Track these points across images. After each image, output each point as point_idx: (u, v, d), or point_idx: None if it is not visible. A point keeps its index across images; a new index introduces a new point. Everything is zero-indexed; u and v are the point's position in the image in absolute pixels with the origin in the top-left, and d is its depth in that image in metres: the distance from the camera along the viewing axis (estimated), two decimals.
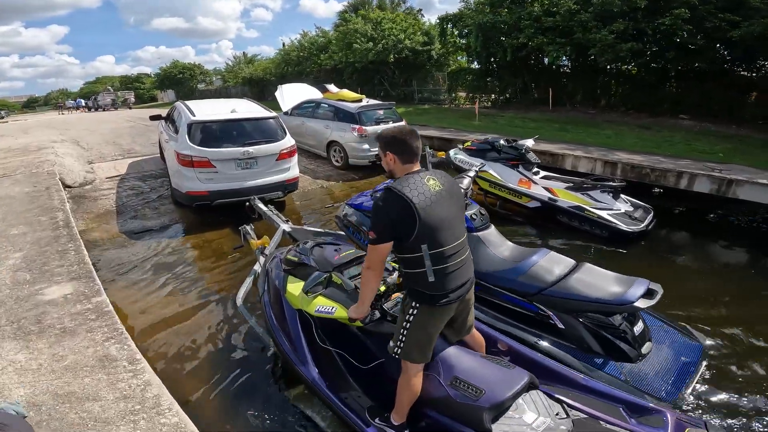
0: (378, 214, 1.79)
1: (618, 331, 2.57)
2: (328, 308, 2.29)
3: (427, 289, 1.82)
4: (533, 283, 2.77)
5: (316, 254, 2.78)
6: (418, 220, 1.71)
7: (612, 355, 2.58)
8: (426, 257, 1.78)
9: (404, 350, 1.91)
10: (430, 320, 1.90)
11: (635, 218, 4.98)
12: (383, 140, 1.90)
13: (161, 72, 41.54)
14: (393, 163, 1.88)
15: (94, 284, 3.00)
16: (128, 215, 5.80)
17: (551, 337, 2.75)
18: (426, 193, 1.77)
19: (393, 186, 1.76)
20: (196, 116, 5.42)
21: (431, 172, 1.91)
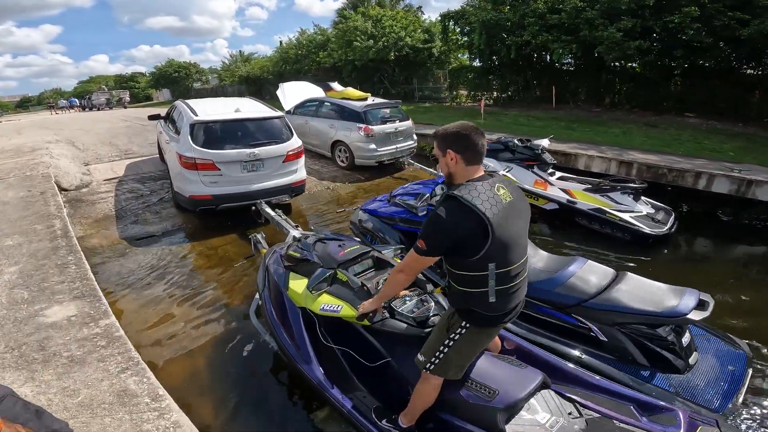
0: (438, 226, 1.56)
1: (666, 342, 2.43)
2: (333, 306, 2.20)
3: (485, 310, 1.67)
4: (572, 294, 2.62)
5: (319, 250, 2.65)
6: (491, 236, 1.52)
7: (658, 367, 2.45)
8: (491, 276, 1.60)
9: (439, 367, 1.80)
10: (478, 341, 1.80)
11: (658, 220, 4.82)
12: (443, 136, 1.67)
13: (156, 71, 41.12)
14: (455, 164, 1.64)
15: (100, 304, 2.76)
16: (128, 220, 5.55)
17: (592, 350, 2.61)
18: (498, 206, 1.57)
19: (459, 195, 1.53)
20: (198, 116, 5.18)
21: (498, 178, 1.69)
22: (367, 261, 2.59)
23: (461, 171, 1.64)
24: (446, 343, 1.77)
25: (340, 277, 2.36)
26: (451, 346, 1.76)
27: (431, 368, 1.81)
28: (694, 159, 6.64)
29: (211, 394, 2.75)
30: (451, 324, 1.77)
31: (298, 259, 2.60)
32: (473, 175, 1.64)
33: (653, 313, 2.36)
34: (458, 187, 1.59)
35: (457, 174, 1.65)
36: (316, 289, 2.28)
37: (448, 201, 1.55)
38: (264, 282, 2.84)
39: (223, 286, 4.05)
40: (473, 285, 1.63)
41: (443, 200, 1.58)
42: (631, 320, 2.45)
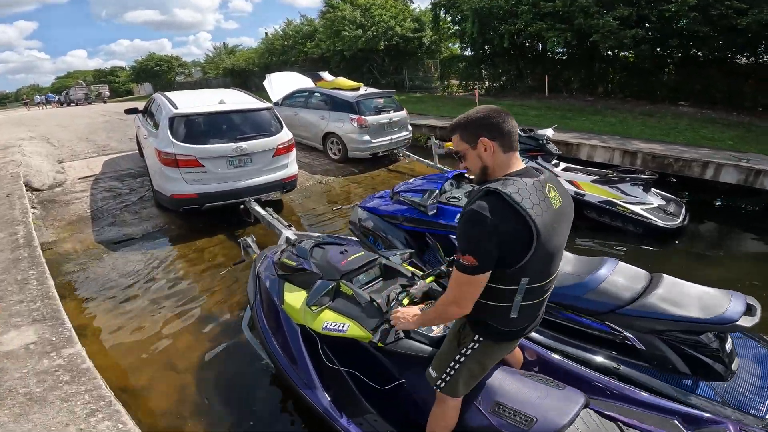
0: (479, 229, 1.23)
1: (710, 349, 2.21)
2: (338, 325, 1.90)
3: (502, 325, 1.44)
4: (605, 300, 2.35)
5: (318, 257, 2.33)
6: (534, 247, 1.24)
7: (700, 375, 2.24)
8: (520, 291, 1.34)
9: (450, 384, 1.58)
10: (491, 355, 1.57)
11: (670, 213, 4.58)
12: (467, 124, 1.36)
13: (137, 65, 40.00)
14: (491, 155, 1.34)
15: (63, 329, 2.39)
16: (105, 222, 5.13)
17: (628, 359, 2.36)
18: (548, 211, 1.29)
19: (503, 190, 1.23)
20: (178, 108, 4.77)
21: (548, 176, 1.39)
22: (373, 270, 2.27)
23: (499, 161, 1.34)
24: (457, 359, 1.55)
25: (344, 290, 2.04)
26: (462, 362, 1.54)
27: (442, 386, 1.60)
28: (697, 149, 6.47)
29: (202, 422, 2.42)
30: (463, 337, 1.54)
31: (294, 268, 2.27)
32: (513, 167, 1.35)
33: (699, 320, 2.13)
34: (500, 181, 1.29)
35: (496, 166, 1.35)
36: (316, 305, 1.97)
37: (490, 197, 1.25)
38: (255, 292, 2.51)
39: (212, 294, 3.69)
40: (495, 299, 1.36)
41: (482, 195, 1.26)
42: (674, 328, 2.22)
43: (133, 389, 2.66)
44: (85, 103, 30.35)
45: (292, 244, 2.54)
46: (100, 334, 3.20)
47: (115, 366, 2.86)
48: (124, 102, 27.35)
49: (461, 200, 3.01)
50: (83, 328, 3.21)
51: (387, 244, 3.33)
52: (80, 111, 20.32)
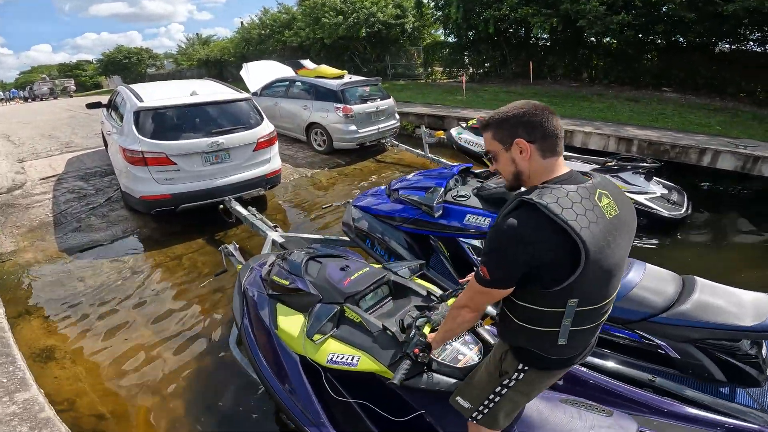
0: (505, 246, 1.08)
1: (747, 355, 2.06)
2: (346, 358, 1.64)
3: (549, 354, 1.24)
4: (637, 309, 2.13)
5: (315, 274, 2.01)
6: (583, 265, 1.03)
7: (736, 381, 2.09)
8: (568, 315, 1.13)
9: (489, 417, 1.40)
10: (538, 385, 1.36)
11: (674, 202, 4.42)
12: (502, 121, 1.16)
13: (104, 58, 38.15)
14: (526, 159, 1.14)
15: (15, 368, 2.02)
16: (69, 227, 4.66)
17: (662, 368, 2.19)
18: (599, 222, 1.06)
19: (540, 202, 1.03)
20: (144, 102, 4.31)
21: (599, 181, 1.16)
22: (381, 289, 1.96)
23: (537, 167, 1.15)
24: (498, 390, 1.36)
25: (350, 315, 1.75)
26: (504, 393, 1.35)
27: (479, 418, 1.41)
28: (692, 135, 6.39)
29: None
30: (505, 366, 1.32)
31: (287, 287, 1.94)
32: (554, 173, 1.14)
33: (741, 327, 1.94)
34: (536, 190, 1.09)
35: (532, 172, 1.16)
36: (318, 333, 1.67)
37: (521, 210, 1.08)
38: (242, 311, 2.18)
39: (194, 307, 3.32)
40: (539, 323, 1.17)
41: (514, 208, 1.10)
42: (711, 336, 2.03)
43: (115, 417, 2.36)
44: (51, 98, 28.92)
45: (283, 258, 2.20)
46: (69, 356, 2.83)
47: (91, 391, 2.53)
48: (92, 96, 26.04)
49: (469, 198, 2.71)
50: (50, 350, 2.87)
51: (385, 247, 3.02)
52: (44, 106, 19.20)
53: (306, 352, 1.73)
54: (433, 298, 1.90)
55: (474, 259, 2.67)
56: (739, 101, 9.87)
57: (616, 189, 1.19)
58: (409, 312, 1.81)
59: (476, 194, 2.74)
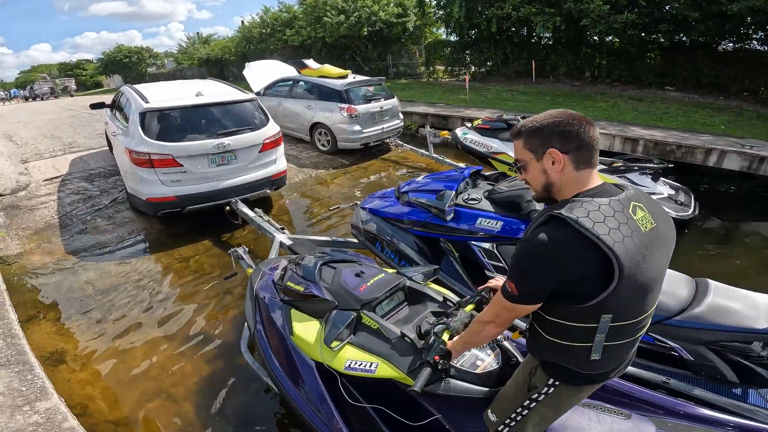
0: (533, 262, 1.06)
1: (760, 357, 2.07)
2: (364, 364, 1.63)
3: (582, 369, 1.20)
4: None
5: (329, 280, 2.00)
6: (617, 281, 1.00)
7: (749, 382, 2.11)
8: (601, 330, 1.09)
9: (516, 430, 1.38)
10: (568, 401, 1.33)
11: (681, 203, 4.41)
12: (535, 130, 1.13)
13: (104, 57, 38.09)
14: (559, 170, 1.11)
15: (34, 377, 2.02)
16: (75, 229, 4.65)
17: (675, 370, 2.22)
18: (635, 236, 1.03)
19: (570, 216, 1.00)
20: (150, 102, 4.29)
21: (633, 193, 1.12)
22: (397, 294, 1.95)
23: (569, 179, 1.11)
24: (527, 404, 1.33)
25: (367, 322, 1.74)
26: (532, 408, 1.33)
27: (505, 431, 1.40)
28: (697, 135, 6.37)
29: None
30: (535, 381, 1.29)
31: (302, 294, 1.94)
32: (587, 185, 1.11)
33: (755, 330, 1.97)
34: (566, 204, 1.06)
35: (563, 184, 1.13)
36: (336, 340, 1.67)
37: (551, 224, 1.05)
38: (255, 316, 2.17)
39: (203, 309, 3.31)
40: (571, 338, 1.14)
41: (543, 222, 1.07)
42: (725, 338, 2.06)
43: (126, 422, 2.35)
44: (52, 97, 28.90)
45: (296, 263, 2.19)
46: (80, 360, 2.83)
47: (102, 396, 2.53)
48: (93, 95, 26.02)
49: (480, 202, 2.70)
50: (61, 353, 2.87)
51: (394, 250, 3.00)
52: (45, 106, 19.15)
53: (323, 358, 1.73)
54: (450, 304, 1.90)
55: (485, 262, 2.66)
56: (742, 100, 9.85)
57: (652, 201, 1.16)
58: (426, 318, 1.81)
59: (487, 197, 2.73)
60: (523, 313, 1.17)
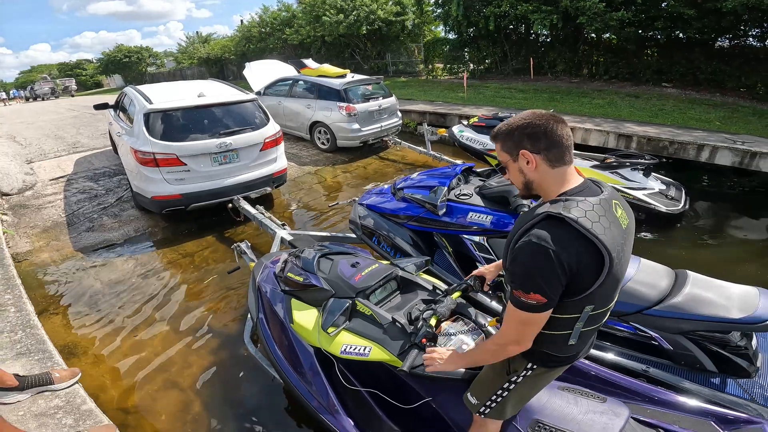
0: (545, 264, 1.06)
1: (737, 346, 2.16)
2: (359, 348, 1.76)
3: (559, 353, 1.30)
4: (631, 301, 2.24)
5: (327, 271, 2.12)
6: (605, 275, 1.08)
7: (727, 372, 2.19)
8: (582, 319, 1.19)
9: (496, 411, 1.47)
10: (542, 381, 1.44)
11: (671, 197, 4.52)
12: (507, 133, 1.19)
13: (104, 57, 38.16)
14: (533, 169, 1.17)
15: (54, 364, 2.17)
16: (82, 227, 4.79)
17: (655, 359, 2.31)
18: (618, 233, 1.12)
19: (568, 216, 1.05)
20: (153, 104, 4.42)
21: (612, 193, 1.20)
22: (389, 284, 2.08)
23: (546, 177, 1.18)
24: (506, 386, 1.43)
25: (361, 309, 1.86)
26: (512, 389, 1.42)
27: (487, 412, 1.48)
28: (690, 131, 6.46)
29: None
30: (514, 366, 1.39)
31: (301, 284, 2.06)
32: (568, 183, 1.16)
33: (731, 320, 2.04)
34: (560, 203, 1.11)
35: (542, 182, 1.19)
36: (332, 326, 1.79)
37: (551, 224, 1.07)
38: (258, 307, 2.30)
39: (207, 303, 3.44)
40: (555, 328, 1.21)
41: (541, 221, 1.09)
42: (703, 328, 2.13)
43: (136, 411, 2.47)
44: (52, 97, 29.04)
45: (295, 256, 2.32)
46: (91, 352, 2.95)
47: (113, 386, 2.65)
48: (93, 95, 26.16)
49: (471, 197, 2.82)
50: (72, 347, 3.00)
51: (390, 244, 3.13)
52: (46, 106, 19.30)
53: (321, 343, 1.85)
54: (439, 292, 2.02)
55: (476, 255, 2.79)
56: (739, 96, 9.90)
57: (621, 197, 1.25)
58: (416, 305, 1.93)
59: (478, 193, 2.85)
60: (545, 320, 1.16)
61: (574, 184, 1.16)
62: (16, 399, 1.96)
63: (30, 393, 2.00)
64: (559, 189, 1.16)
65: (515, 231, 1.18)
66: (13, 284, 2.95)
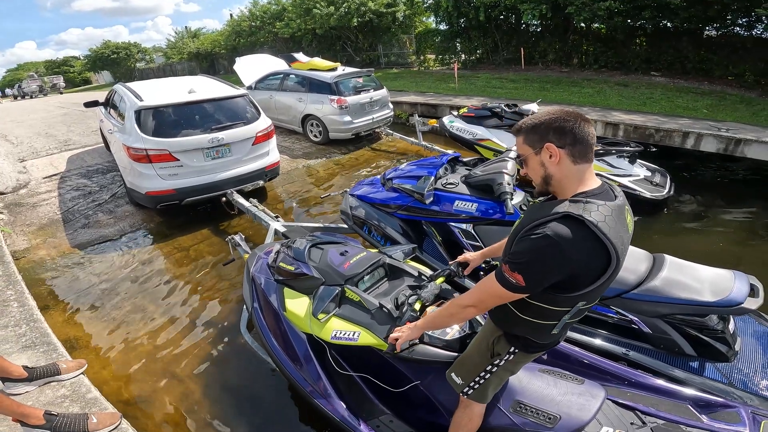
0: (549, 258, 1.08)
1: (714, 330, 2.20)
2: (348, 333, 1.83)
3: (541, 340, 1.39)
4: (611, 285, 2.27)
5: (317, 260, 2.20)
6: (608, 276, 1.13)
7: (706, 356, 2.24)
8: (571, 313, 1.25)
9: (479, 392, 1.55)
10: (522, 362, 1.54)
11: (656, 184, 4.64)
12: (533, 127, 1.20)
13: (91, 54, 37.59)
14: (555, 163, 1.16)
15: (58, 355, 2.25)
16: (78, 223, 4.83)
17: (635, 343, 2.36)
18: (626, 238, 1.16)
19: (587, 218, 1.06)
20: (144, 101, 4.45)
21: (623, 198, 1.21)
22: (377, 271, 2.17)
23: (567, 173, 1.17)
24: (489, 369, 1.51)
25: (350, 295, 1.94)
26: (494, 372, 1.50)
27: (470, 393, 1.56)
28: (676, 119, 6.56)
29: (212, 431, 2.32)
30: (498, 349, 1.46)
31: (292, 273, 2.14)
32: (586, 182, 1.17)
33: (706, 303, 2.10)
34: (578, 204, 1.10)
35: (562, 178, 1.18)
36: (323, 312, 1.87)
37: (568, 223, 1.07)
38: (252, 296, 2.38)
39: (203, 294, 3.53)
40: (544, 318, 1.27)
41: (560, 219, 1.08)
42: (680, 311, 2.19)
43: (137, 402, 2.55)
44: (41, 95, 28.67)
45: (287, 246, 2.40)
46: (91, 345, 3.02)
47: (114, 378, 2.72)
48: (82, 92, 25.85)
49: (458, 186, 2.91)
50: (73, 341, 3.06)
51: (381, 233, 3.22)
52: (36, 104, 19.08)
53: (312, 330, 1.92)
54: (424, 278, 2.09)
55: (464, 242, 2.88)
56: (727, 85, 9.97)
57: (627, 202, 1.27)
58: (402, 291, 2.01)
59: (464, 182, 2.94)
60: (512, 300, 1.22)
61: (592, 186, 1.17)
62: (25, 390, 2.05)
63: (37, 384, 2.09)
64: (577, 188, 1.16)
65: (527, 221, 1.16)
66: (15, 280, 3.01)
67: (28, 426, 1.73)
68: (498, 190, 2.67)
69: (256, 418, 2.40)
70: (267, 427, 2.36)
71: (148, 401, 2.55)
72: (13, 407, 1.70)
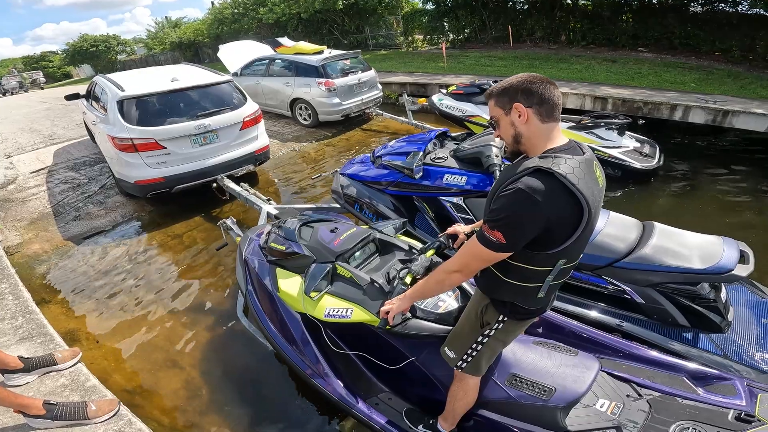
0: (525, 211, 1.12)
1: (706, 299, 2.20)
2: (341, 311, 1.82)
3: (528, 305, 1.38)
4: (602, 254, 2.29)
5: (308, 238, 2.19)
6: (582, 229, 1.16)
7: (699, 327, 2.23)
8: (554, 273, 1.27)
9: (472, 364, 1.56)
10: (513, 332, 1.53)
11: (646, 154, 4.69)
12: (502, 90, 1.25)
13: (69, 48, 36.49)
14: (524, 122, 1.22)
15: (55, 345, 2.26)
16: (69, 216, 4.79)
17: (629, 314, 2.35)
18: (596, 191, 1.19)
19: (557, 171, 1.11)
20: (125, 91, 4.37)
21: (591, 152, 1.27)
22: (368, 246, 2.16)
23: (536, 131, 1.22)
24: (480, 340, 1.51)
25: (341, 272, 1.94)
26: (485, 343, 1.51)
27: (464, 366, 1.57)
28: (664, 92, 6.58)
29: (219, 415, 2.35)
30: (487, 318, 1.47)
31: (283, 252, 2.13)
32: (554, 140, 1.22)
33: (696, 270, 2.09)
34: (548, 159, 1.16)
35: (531, 135, 1.23)
36: (315, 291, 1.87)
37: (539, 177, 1.12)
38: (246, 279, 2.37)
39: (199, 280, 3.54)
40: (527, 280, 1.30)
41: (531, 173, 1.13)
42: (670, 279, 2.18)
43: (141, 391, 2.56)
44: (21, 91, 27.96)
45: (278, 226, 2.38)
46: (91, 337, 3.03)
47: (116, 368, 2.73)
48: (64, 86, 25.22)
49: (447, 160, 2.92)
50: (72, 333, 3.06)
51: (373, 211, 3.24)
52: (17, 100, 18.61)
53: (306, 308, 1.92)
54: (415, 252, 2.09)
55: (455, 215, 2.91)
56: (714, 60, 9.94)
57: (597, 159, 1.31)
58: (393, 266, 2.00)
59: (453, 156, 2.95)
60: (496, 260, 1.25)
61: (560, 143, 1.22)
62: (25, 381, 2.07)
63: (36, 374, 2.11)
64: (546, 145, 1.21)
65: (501, 181, 1.22)
66: (8, 273, 3.00)
67: (29, 416, 1.75)
68: (486, 163, 2.69)
69: (256, 401, 2.42)
70: (267, 409, 2.39)
71: (149, 389, 2.56)
72: (12, 399, 1.72)
